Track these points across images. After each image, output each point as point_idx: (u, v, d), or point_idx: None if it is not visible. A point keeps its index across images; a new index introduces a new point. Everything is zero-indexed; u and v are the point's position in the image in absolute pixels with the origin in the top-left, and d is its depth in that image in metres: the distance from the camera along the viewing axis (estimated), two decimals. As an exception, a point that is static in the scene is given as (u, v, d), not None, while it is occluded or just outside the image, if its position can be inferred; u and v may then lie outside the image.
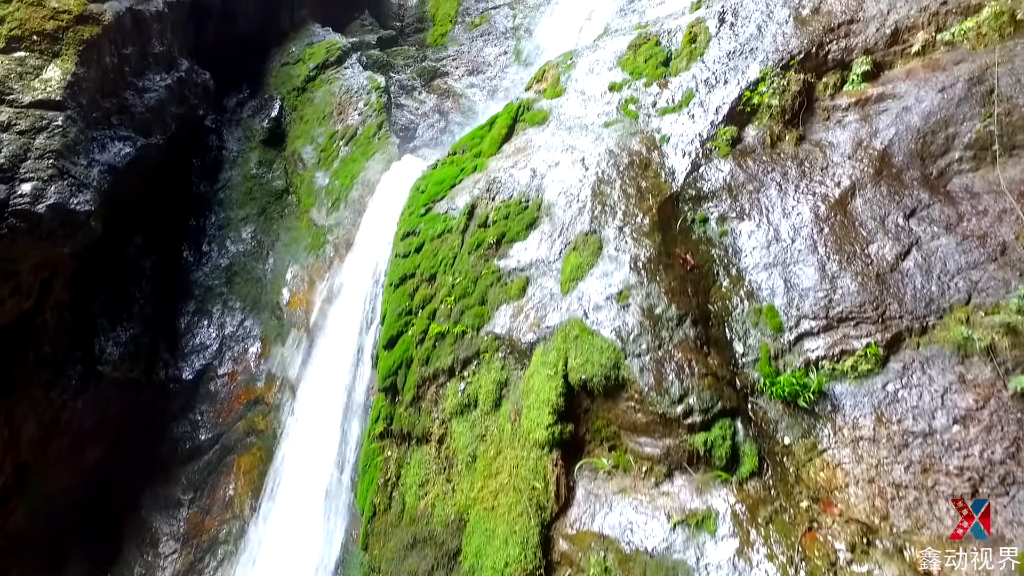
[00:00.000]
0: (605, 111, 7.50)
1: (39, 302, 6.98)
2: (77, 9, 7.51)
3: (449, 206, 7.11)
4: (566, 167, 6.67)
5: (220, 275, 9.09)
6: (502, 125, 8.20)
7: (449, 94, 13.17)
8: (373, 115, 10.05)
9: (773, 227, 5.62)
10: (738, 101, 6.43)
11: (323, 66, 11.30)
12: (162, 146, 8.50)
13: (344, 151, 9.79)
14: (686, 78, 7.18)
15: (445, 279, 6.40)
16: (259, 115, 10.90)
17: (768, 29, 6.86)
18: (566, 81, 8.37)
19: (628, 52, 8.04)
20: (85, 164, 6.91)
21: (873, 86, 5.98)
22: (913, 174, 5.35)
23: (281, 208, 9.75)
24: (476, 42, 14.49)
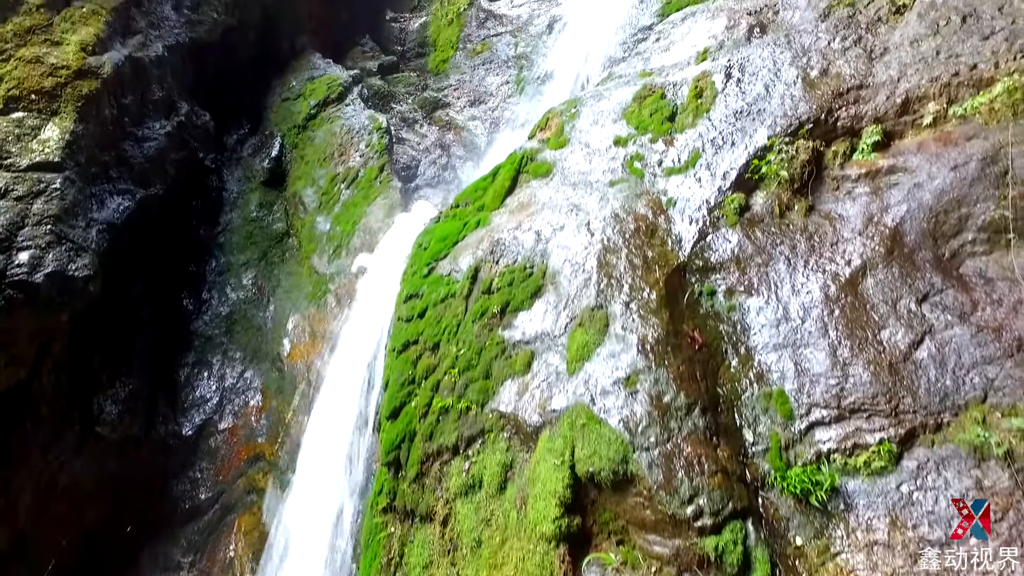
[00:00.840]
0: (610, 167, 7.41)
1: (36, 366, 6.91)
2: (76, 64, 7.43)
3: (452, 267, 7.02)
4: (571, 232, 6.58)
5: (220, 324, 9.01)
6: (505, 177, 8.12)
7: (451, 126, 13.09)
8: (375, 157, 9.96)
9: (782, 305, 5.53)
10: (746, 168, 6.35)
11: (324, 103, 11.22)
12: (162, 195, 8.42)
13: (345, 194, 9.70)
14: (692, 136, 7.10)
15: (449, 349, 6.31)
16: (259, 154, 10.81)
17: (776, 90, 6.78)
18: (570, 131, 8.28)
19: (633, 104, 7.96)
20: (83, 226, 6.83)
21: (883, 157, 5.90)
22: (925, 255, 5.27)
23: (282, 252, 9.66)
24: (478, 70, 14.42)
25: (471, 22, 15.30)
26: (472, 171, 12.12)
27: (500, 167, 8.36)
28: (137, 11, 9.20)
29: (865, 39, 6.74)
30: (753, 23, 8.00)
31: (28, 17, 7.43)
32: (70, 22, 7.76)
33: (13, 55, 7.09)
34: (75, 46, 7.54)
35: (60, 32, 7.58)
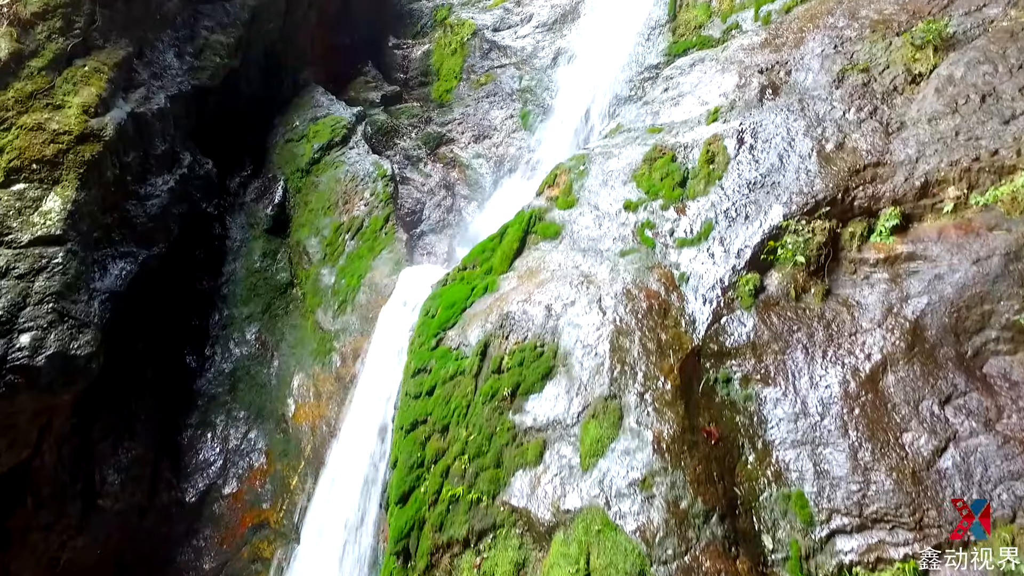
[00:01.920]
0: (620, 234, 7.30)
1: (37, 444, 6.80)
2: (78, 128, 7.33)
3: (461, 340, 6.91)
4: (582, 308, 6.47)
5: (224, 382, 8.89)
6: (513, 238, 8.01)
7: (455, 163, 12.98)
8: (380, 206, 9.85)
9: (800, 398, 5.42)
10: (760, 247, 6.24)
11: (328, 147, 11.12)
12: (164, 253, 8.31)
13: (350, 246, 9.59)
14: (704, 205, 7.00)
15: (459, 432, 6.20)
16: (263, 199, 10.71)
17: (790, 162, 6.67)
18: (579, 190, 8.17)
19: (643, 166, 7.85)
20: (85, 300, 6.72)
21: (902, 241, 5.79)
22: (947, 352, 5.16)
23: (286, 304, 9.55)
24: (482, 103, 14.30)
25: (475, 52, 15.18)
26: (476, 213, 12.02)
27: (508, 226, 8.25)
28: (140, 63, 9.10)
29: (881, 111, 6.64)
30: (765, 83, 7.89)
31: (30, 81, 7.32)
32: (72, 83, 7.65)
33: (15, 123, 6.98)
34: (77, 109, 7.43)
35: (62, 95, 7.47)
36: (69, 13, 8.07)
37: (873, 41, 7.48)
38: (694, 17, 11.55)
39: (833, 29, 8.14)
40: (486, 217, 11.67)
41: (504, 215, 11.49)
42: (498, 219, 11.58)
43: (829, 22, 8.35)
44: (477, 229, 11.48)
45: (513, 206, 11.74)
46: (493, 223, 11.49)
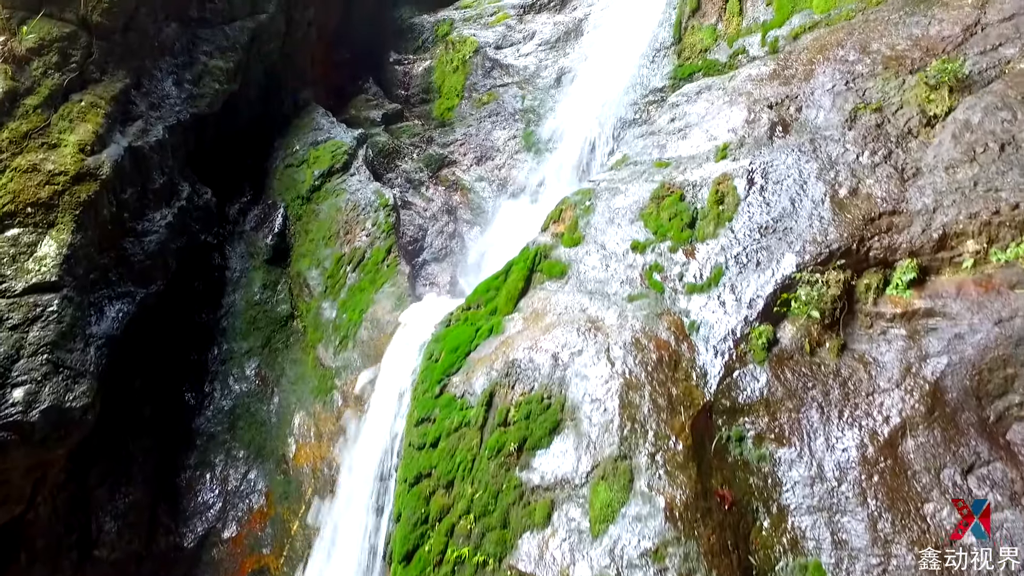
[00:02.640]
0: (628, 277, 7.14)
1: (32, 498, 6.63)
2: (74, 168, 7.15)
3: (466, 388, 6.75)
4: (590, 358, 6.31)
5: (223, 420, 8.72)
6: (518, 277, 7.85)
7: (457, 187, 12.82)
8: (382, 237, 9.69)
9: (816, 460, 5.27)
10: (773, 297, 6.08)
11: (329, 173, 10.95)
12: (163, 291, 8.15)
13: (352, 278, 9.43)
14: (714, 249, 6.84)
15: (464, 488, 6.04)
16: (263, 228, 10.54)
17: (803, 206, 6.52)
18: (584, 228, 8.01)
19: (651, 205, 7.69)
20: (81, 347, 6.56)
21: (920, 296, 5.63)
22: (969, 416, 5.00)
23: (286, 337, 9.39)
24: (484, 123, 14.12)
25: (477, 70, 15.01)
26: (479, 238, 11.86)
27: (512, 264, 8.08)
28: (137, 94, 8.93)
29: (896, 155, 6.48)
30: (775, 119, 7.73)
31: (24, 120, 7.15)
32: (68, 120, 7.49)
33: (9, 165, 6.81)
34: (73, 148, 7.27)
35: (57, 133, 7.30)
36: (66, 47, 7.91)
37: (886, 79, 7.32)
38: (699, 40, 11.39)
39: (844, 63, 7.99)
40: (488, 242, 11.50)
41: (506, 241, 11.41)
42: (500, 245, 11.49)
43: (839, 55, 8.20)
44: (479, 255, 11.32)
45: (515, 230, 11.66)
46: (496, 250, 11.39)
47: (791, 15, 10.34)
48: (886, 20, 8.27)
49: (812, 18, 9.97)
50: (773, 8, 10.61)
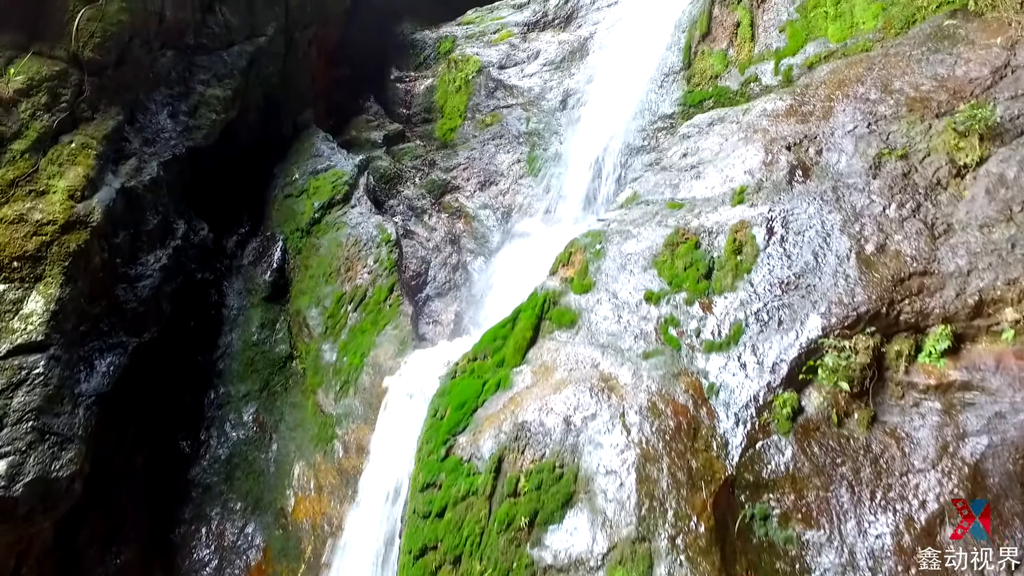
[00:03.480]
0: (642, 330, 6.83)
1: (16, 569, 6.32)
2: (63, 216, 6.84)
3: (473, 451, 6.44)
4: (604, 424, 6.01)
5: (220, 469, 8.41)
6: (526, 325, 7.54)
7: (461, 214, 12.51)
8: (384, 275, 9.38)
9: (847, 546, 4.96)
10: (798, 362, 5.78)
11: (329, 205, 10.64)
12: (156, 339, 7.83)
13: (353, 318, 9.12)
14: (733, 303, 6.53)
15: (472, 565, 5.73)
16: (261, 263, 10.23)
17: (827, 262, 6.20)
18: (595, 273, 7.70)
19: (664, 252, 7.38)
20: (69, 409, 6.25)
21: (955, 367, 5.32)
22: (1012, 506, 4.69)
23: (285, 380, 9.08)
24: (488, 146, 13.81)
25: (480, 91, 14.70)
26: (483, 270, 11.54)
27: (520, 311, 7.76)
28: (131, 130, 8.63)
29: (925, 208, 6.17)
30: (794, 162, 7.42)
31: (11, 167, 6.84)
32: (57, 163, 7.18)
33: (-6, 216, 6.51)
34: (62, 194, 6.96)
35: (46, 178, 7.00)
36: (55, 86, 7.60)
37: (911, 123, 7.01)
38: (710, 66, 11.09)
39: (865, 102, 7.69)
40: (493, 274, 11.19)
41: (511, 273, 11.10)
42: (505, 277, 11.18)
43: (859, 92, 7.90)
44: (484, 288, 11.01)
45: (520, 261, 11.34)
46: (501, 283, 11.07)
47: (805, 43, 10.05)
48: (907, 56, 7.97)
49: (827, 47, 9.68)
50: (786, 35, 10.31)
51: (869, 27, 9.43)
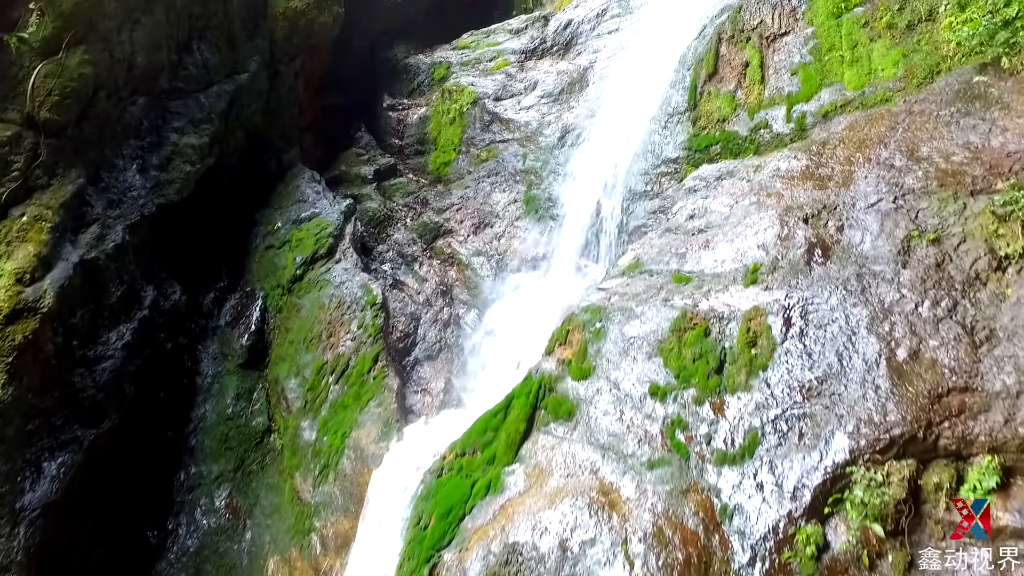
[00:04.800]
0: (647, 433, 6.21)
1: None
2: (8, 305, 6.24)
3: (459, 574, 5.79)
4: (604, 552, 5.42)
5: (188, 563, 7.78)
6: (519, 416, 6.93)
7: (453, 261, 11.88)
8: (368, 342, 8.76)
9: None
10: (822, 489, 5.13)
11: (312, 260, 10.01)
12: (116, 427, 7.20)
13: (334, 391, 8.50)
14: (747, 406, 5.90)
15: None
16: (239, 324, 9.60)
17: (853, 367, 5.57)
18: (595, 356, 7.08)
19: (671, 337, 6.75)
20: (8, 531, 5.62)
21: (1005, 508, 4.69)
22: None
23: (261, 457, 8.45)
24: (483, 184, 13.18)
25: (475, 123, 14.08)
26: (477, 325, 10.89)
27: (513, 398, 7.15)
28: (94, 191, 8.01)
29: (962, 308, 5.52)
30: (812, 239, 6.78)
31: (-51, 252, 6.23)
32: (5, 242, 6.60)
33: (-72, 311, 5.89)
34: (8, 279, 6.35)
35: (-9, 261, 6.37)
36: (6, 153, 7.02)
37: (942, 200, 6.36)
38: (717, 108, 10.45)
39: (888, 169, 7.04)
40: (487, 331, 10.54)
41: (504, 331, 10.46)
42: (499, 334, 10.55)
43: (882, 156, 7.26)
44: (476, 346, 10.35)
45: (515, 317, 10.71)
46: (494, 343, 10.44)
47: (819, 89, 9.42)
48: (934, 116, 7.33)
49: (844, 95, 9.06)
50: (799, 79, 9.67)
51: (888, 75, 8.78)
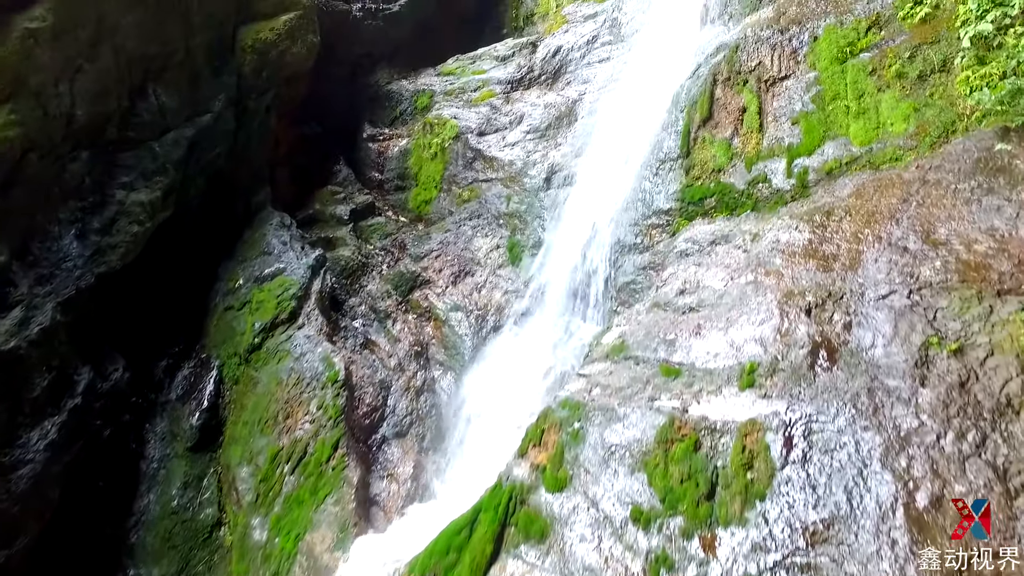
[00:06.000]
0: (627, 571, 5.48)
1: None
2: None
3: None
4: None
5: None
6: (486, 536, 6.19)
7: (430, 315, 11.10)
8: (328, 426, 7.99)
9: None
10: (831, 672, 4.36)
11: (272, 326, 9.23)
12: (36, 543, 6.43)
13: (289, 483, 7.73)
14: (743, 545, 5.19)
15: None
16: (191, 398, 8.82)
17: (865, 511, 4.83)
18: (572, 463, 6.35)
19: (656, 450, 6.01)
20: None
21: None
22: None
23: (209, 555, 7.68)
24: (464, 227, 12.43)
25: (457, 160, 13.35)
26: (453, 391, 10.10)
27: (480, 511, 6.40)
28: (20, 267, 7.26)
29: (993, 444, 4.77)
30: (816, 337, 6.03)
31: None
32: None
33: None
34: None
35: None
36: (-92, 236, 6.20)
37: (964, 299, 5.61)
38: (712, 157, 9.68)
39: (901, 252, 6.30)
40: (463, 400, 9.76)
41: (483, 401, 9.68)
42: (476, 406, 9.76)
43: (894, 236, 6.52)
44: (452, 418, 9.56)
45: (495, 384, 9.92)
46: (470, 415, 9.66)
47: (823, 142, 8.67)
48: (952, 189, 6.59)
49: (849, 150, 8.31)
50: (800, 129, 8.91)
51: (899, 130, 8.03)
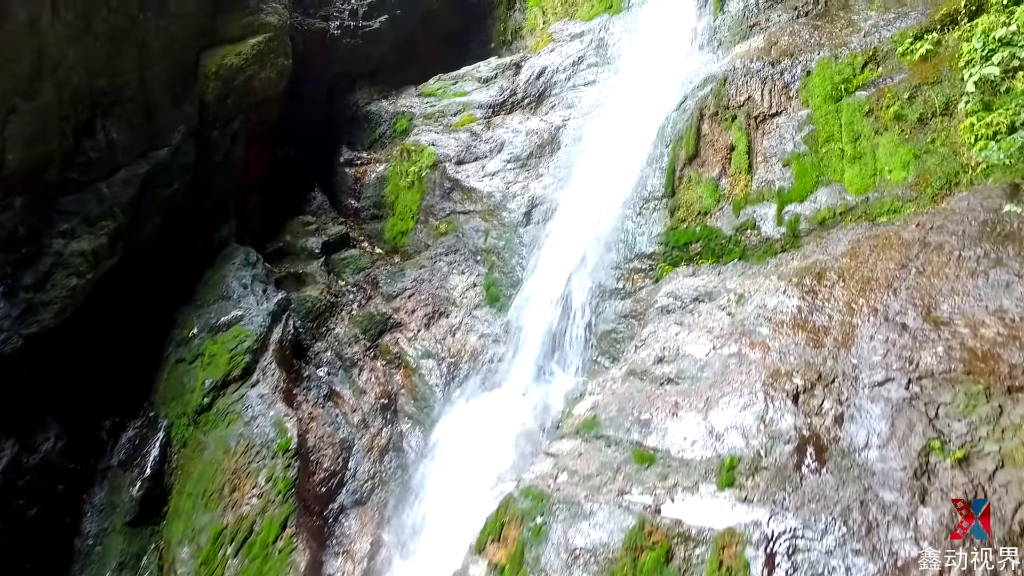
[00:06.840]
0: None
1: None
2: None
3: None
4: None
5: None
6: (435, 653, 5.50)
7: (400, 362, 10.46)
8: (277, 501, 7.37)
9: None
10: None
11: (223, 384, 8.60)
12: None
13: (232, 566, 7.12)
14: None
15: None
16: (132, 466, 8.20)
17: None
18: (532, 567, 5.81)
19: (624, 556, 5.43)
20: None
21: None
22: None
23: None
24: (440, 263, 11.81)
25: (434, 190, 12.75)
26: (422, 449, 9.45)
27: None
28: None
29: (1005, 584, 4.12)
30: (804, 432, 5.43)
31: None
32: None
33: None
34: None
35: None
36: None
37: (970, 395, 5.02)
38: (698, 198, 9.11)
39: (899, 331, 5.73)
40: (430, 462, 9.10)
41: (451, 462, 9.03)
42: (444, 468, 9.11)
43: (891, 309, 5.94)
44: (417, 484, 8.89)
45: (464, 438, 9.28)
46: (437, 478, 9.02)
47: (815, 187, 8.10)
48: (955, 257, 6.02)
49: (844, 199, 7.76)
50: (792, 172, 8.35)
51: (897, 179, 7.47)
